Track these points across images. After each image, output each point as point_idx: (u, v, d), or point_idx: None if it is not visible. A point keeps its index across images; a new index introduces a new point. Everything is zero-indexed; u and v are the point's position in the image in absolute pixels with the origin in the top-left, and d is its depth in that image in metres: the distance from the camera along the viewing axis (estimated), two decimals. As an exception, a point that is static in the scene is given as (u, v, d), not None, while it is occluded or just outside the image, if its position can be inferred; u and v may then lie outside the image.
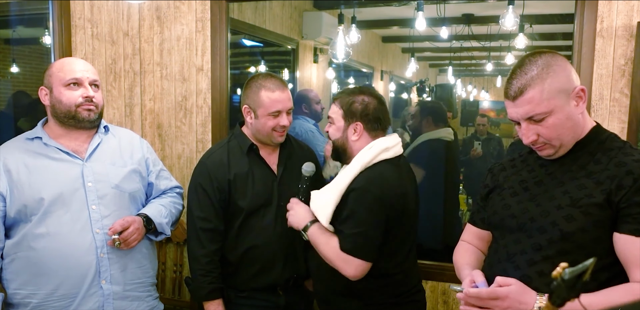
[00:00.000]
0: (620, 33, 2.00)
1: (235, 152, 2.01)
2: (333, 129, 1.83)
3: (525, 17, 2.75)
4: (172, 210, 2.05)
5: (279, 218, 1.97)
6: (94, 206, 1.85)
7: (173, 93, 2.67)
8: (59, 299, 1.82)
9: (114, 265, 1.86)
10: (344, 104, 1.79)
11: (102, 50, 2.74)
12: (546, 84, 1.30)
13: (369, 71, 4.42)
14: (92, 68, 1.94)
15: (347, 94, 1.82)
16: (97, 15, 2.73)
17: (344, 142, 1.81)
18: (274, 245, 1.98)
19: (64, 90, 1.86)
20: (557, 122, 1.31)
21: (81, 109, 1.87)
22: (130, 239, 1.85)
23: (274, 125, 1.96)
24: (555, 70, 1.31)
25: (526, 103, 1.31)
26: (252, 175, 1.99)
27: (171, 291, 2.67)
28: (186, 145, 2.67)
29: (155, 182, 2.06)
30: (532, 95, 1.30)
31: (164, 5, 2.63)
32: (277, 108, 1.94)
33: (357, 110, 1.78)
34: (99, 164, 1.91)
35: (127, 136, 2.07)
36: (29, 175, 1.83)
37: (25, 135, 1.93)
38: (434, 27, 3.24)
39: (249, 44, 3.53)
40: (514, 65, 1.37)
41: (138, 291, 1.95)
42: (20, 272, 1.82)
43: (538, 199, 1.37)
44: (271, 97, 1.94)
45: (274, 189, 2.00)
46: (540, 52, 1.36)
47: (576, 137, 1.36)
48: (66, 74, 1.87)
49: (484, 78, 4.52)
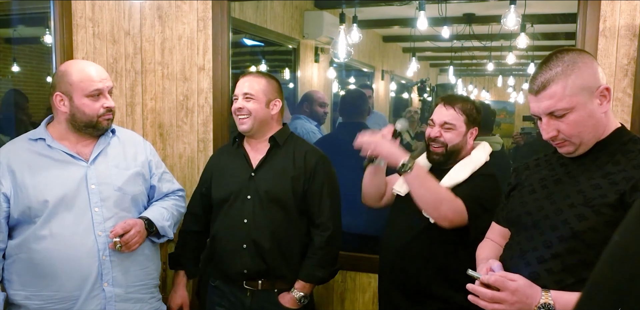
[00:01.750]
0: (623, 33, 1.99)
1: (229, 145, 2.18)
2: (453, 134, 1.91)
3: (527, 17, 2.74)
4: (174, 212, 2.05)
5: (246, 211, 2.01)
6: (96, 208, 1.85)
7: (174, 92, 2.66)
8: (60, 301, 1.81)
9: (115, 267, 1.86)
10: (464, 110, 1.90)
11: (103, 49, 2.73)
12: (570, 80, 1.29)
13: (370, 71, 4.42)
14: (107, 74, 1.95)
15: (463, 101, 1.94)
16: (99, 15, 2.72)
17: (462, 146, 1.93)
18: (228, 235, 2.03)
19: (86, 101, 1.86)
20: (579, 119, 1.31)
21: (102, 118, 1.89)
22: (131, 242, 1.85)
23: (233, 110, 2.06)
24: (580, 67, 1.31)
25: (548, 98, 1.31)
26: (231, 166, 2.10)
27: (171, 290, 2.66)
28: (187, 145, 2.67)
29: (157, 185, 2.06)
30: (555, 90, 1.30)
31: (166, 5, 2.62)
32: (235, 92, 2.06)
33: (475, 116, 1.93)
34: (103, 167, 1.91)
35: (132, 138, 2.08)
36: (32, 177, 1.82)
37: (28, 136, 1.92)
38: (435, 27, 3.24)
39: (250, 44, 3.53)
40: (541, 61, 1.37)
41: (141, 293, 1.95)
42: (22, 273, 1.82)
43: (554, 197, 1.38)
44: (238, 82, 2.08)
45: (245, 182, 2.04)
46: (567, 49, 1.36)
47: (597, 136, 1.35)
48: (89, 84, 1.85)
49: (485, 78, 4.52)
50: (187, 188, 2.39)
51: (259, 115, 2.01)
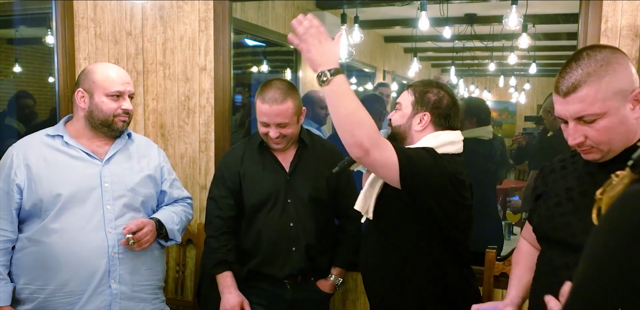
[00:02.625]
0: (625, 33, 1.99)
1: (252, 149, 2.10)
2: (398, 114, 1.73)
3: (529, 17, 2.74)
4: (182, 218, 2.08)
5: (285, 215, 2.03)
6: (108, 206, 1.88)
7: (176, 93, 2.67)
8: (67, 295, 1.83)
9: (123, 265, 1.88)
10: (418, 91, 1.71)
11: (105, 50, 2.74)
12: (603, 83, 1.17)
13: (371, 71, 4.42)
14: (130, 79, 1.99)
15: (423, 84, 1.75)
16: (100, 15, 2.73)
17: (405, 130, 1.71)
18: (275, 240, 2.02)
19: (106, 99, 1.90)
20: (610, 125, 1.19)
21: (117, 119, 1.93)
22: (143, 240, 1.87)
23: (264, 133, 2.00)
24: (615, 68, 1.19)
25: (578, 101, 1.19)
26: (262, 170, 2.05)
27: (173, 291, 2.67)
28: (189, 145, 2.67)
29: (168, 190, 2.09)
30: (587, 93, 1.18)
31: (167, 5, 2.63)
32: (262, 119, 1.97)
33: (430, 100, 1.69)
34: (117, 167, 1.94)
35: (147, 144, 2.12)
36: (47, 170, 1.85)
37: (46, 132, 1.95)
38: (436, 27, 3.24)
39: (252, 44, 3.53)
40: (569, 58, 1.24)
41: (145, 293, 1.97)
42: (30, 267, 1.84)
43: (581, 212, 1.26)
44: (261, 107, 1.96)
45: (282, 185, 2.04)
46: (600, 46, 1.26)
47: (627, 143, 1.23)
48: (111, 85, 1.91)
49: (486, 78, 4.51)
50: (188, 188, 2.39)
51: (294, 132, 2.03)
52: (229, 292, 2.02)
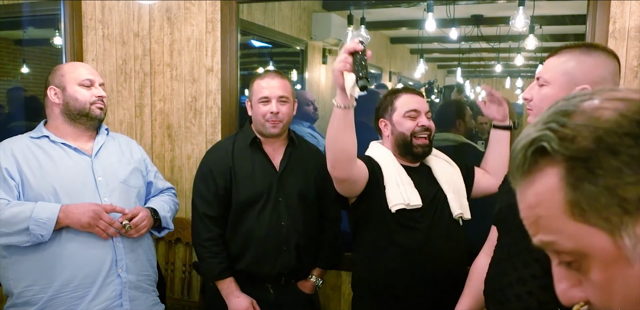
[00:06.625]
0: (633, 34, 1.98)
1: (240, 145, 2.09)
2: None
3: (536, 18, 2.73)
4: (171, 206, 2.12)
5: (275, 213, 2.02)
6: (106, 198, 1.90)
7: (183, 94, 2.68)
8: (74, 289, 1.82)
9: (127, 254, 1.92)
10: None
11: (112, 51, 2.75)
12: (566, 60, 1.35)
13: (378, 72, 4.41)
14: (97, 73, 2.05)
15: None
16: (108, 16, 2.74)
17: None
18: (267, 239, 2.02)
19: (78, 88, 1.94)
20: (547, 94, 1.36)
21: (94, 106, 1.96)
22: (141, 225, 1.90)
23: (264, 113, 2.00)
24: (584, 60, 1.34)
25: (547, 64, 1.40)
26: (253, 167, 2.04)
27: (180, 291, 2.67)
28: (196, 146, 2.68)
29: (154, 181, 2.14)
30: (554, 60, 1.38)
31: (175, 6, 2.64)
32: (263, 94, 1.99)
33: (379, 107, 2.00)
34: (106, 161, 1.97)
35: (125, 138, 2.17)
36: (40, 168, 1.86)
37: (29, 134, 1.95)
38: (443, 28, 3.23)
39: (258, 45, 3.53)
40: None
41: (146, 283, 2.00)
42: (31, 267, 1.82)
43: None
44: (260, 83, 2.02)
45: (274, 184, 2.04)
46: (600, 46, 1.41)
47: None
48: (81, 74, 1.96)
49: (493, 79, 4.50)
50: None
51: (290, 118, 2.06)
52: (237, 295, 2.03)
